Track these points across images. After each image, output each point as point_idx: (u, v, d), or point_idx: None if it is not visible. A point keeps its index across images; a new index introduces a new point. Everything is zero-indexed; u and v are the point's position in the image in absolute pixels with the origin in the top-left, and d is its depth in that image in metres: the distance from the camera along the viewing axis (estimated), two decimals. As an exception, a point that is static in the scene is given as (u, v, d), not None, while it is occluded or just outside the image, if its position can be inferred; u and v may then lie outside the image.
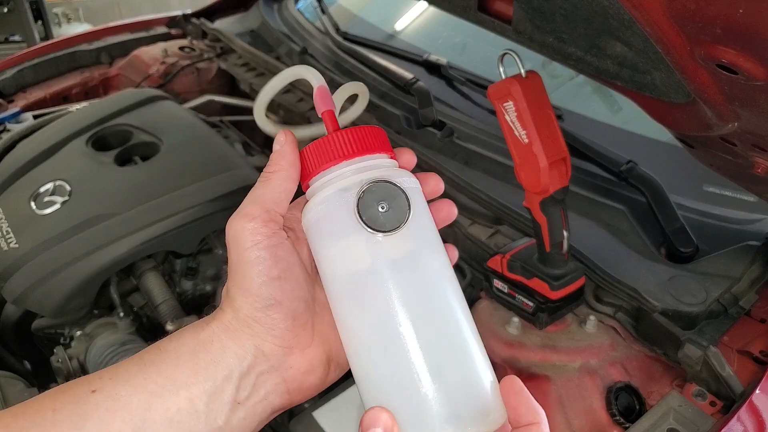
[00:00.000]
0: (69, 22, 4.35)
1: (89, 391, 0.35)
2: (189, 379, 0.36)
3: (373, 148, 0.40)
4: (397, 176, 0.39)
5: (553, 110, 0.76)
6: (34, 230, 1.05)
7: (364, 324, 0.37)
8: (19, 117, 1.44)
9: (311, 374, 0.40)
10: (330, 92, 0.42)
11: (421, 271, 0.37)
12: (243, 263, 0.37)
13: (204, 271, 1.19)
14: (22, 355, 1.13)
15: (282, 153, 0.40)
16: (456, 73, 1.27)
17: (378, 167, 0.39)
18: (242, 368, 0.37)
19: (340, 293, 0.38)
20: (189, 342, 0.38)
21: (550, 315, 0.84)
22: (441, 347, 0.35)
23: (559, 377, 0.79)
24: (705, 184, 0.98)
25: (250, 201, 0.39)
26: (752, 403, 0.66)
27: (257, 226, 0.38)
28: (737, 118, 0.49)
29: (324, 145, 0.39)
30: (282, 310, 0.38)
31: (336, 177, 0.39)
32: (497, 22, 0.70)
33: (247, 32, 1.75)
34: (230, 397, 0.37)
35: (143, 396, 0.35)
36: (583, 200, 0.98)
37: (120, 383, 0.36)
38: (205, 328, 0.39)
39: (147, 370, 0.37)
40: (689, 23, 0.38)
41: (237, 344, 0.38)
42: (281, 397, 0.39)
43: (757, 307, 0.81)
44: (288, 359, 0.39)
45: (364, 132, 0.40)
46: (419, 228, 0.38)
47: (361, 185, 0.37)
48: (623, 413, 0.75)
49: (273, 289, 0.37)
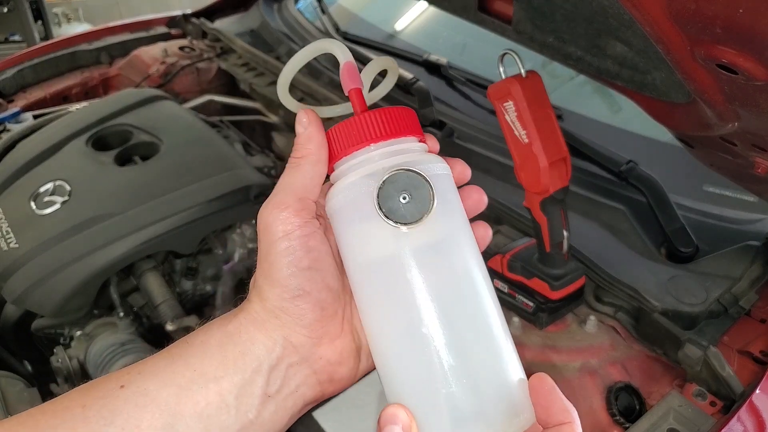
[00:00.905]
0: (69, 22, 4.35)
1: (118, 386, 0.35)
2: (218, 372, 0.36)
3: (403, 130, 0.37)
4: (426, 162, 0.36)
5: (553, 110, 0.77)
6: (34, 230, 1.05)
7: (385, 316, 0.35)
8: (19, 117, 1.44)
9: (342, 365, 0.39)
10: (358, 69, 0.40)
11: (449, 263, 0.35)
12: (272, 253, 0.36)
13: (204, 271, 1.19)
14: (22, 355, 1.13)
15: (309, 136, 0.38)
16: (456, 73, 1.27)
17: (406, 152, 0.37)
18: (271, 360, 0.37)
19: (361, 283, 0.37)
20: (216, 334, 0.37)
21: (550, 315, 0.84)
22: (468, 342, 0.34)
23: (559, 377, 0.79)
24: (705, 184, 0.98)
25: (282, 189, 0.38)
26: (752, 403, 0.66)
27: (289, 215, 0.36)
28: (737, 118, 0.49)
29: (351, 127, 0.37)
30: (310, 300, 0.37)
31: (362, 161, 0.37)
32: (497, 22, 0.70)
33: (247, 32, 1.75)
34: (260, 390, 0.36)
35: (172, 390, 0.35)
36: (583, 200, 0.98)
37: (149, 378, 0.35)
38: (233, 320, 0.38)
39: (175, 364, 0.36)
40: (689, 23, 0.38)
41: (265, 335, 0.37)
42: (313, 389, 0.39)
43: (757, 307, 0.81)
44: (317, 350, 0.38)
45: (394, 113, 0.37)
46: (447, 217, 0.36)
47: (383, 174, 0.35)
48: (623, 413, 0.75)
49: (302, 279, 0.36)
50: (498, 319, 0.35)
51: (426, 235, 0.35)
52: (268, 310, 0.37)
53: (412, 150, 0.38)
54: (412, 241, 0.34)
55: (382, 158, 0.36)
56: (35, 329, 1.06)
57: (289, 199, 0.37)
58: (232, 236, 1.20)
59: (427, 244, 0.35)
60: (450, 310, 0.34)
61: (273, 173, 1.33)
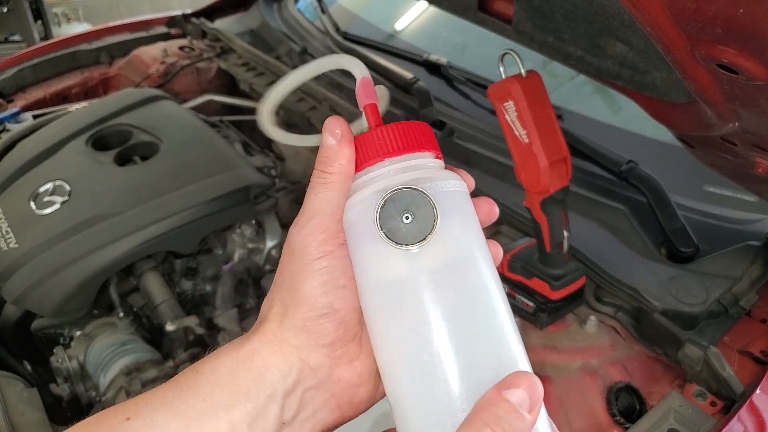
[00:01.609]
0: (69, 21, 4.35)
1: (124, 419, 0.34)
2: (229, 401, 0.34)
3: (418, 145, 0.36)
4: (438, 179, 0.35)
5: (553, 110, 0.76)
6: (33, 230, 1.05)
7: (393, 341, 0.34)
8: (19, 117, 1.44)
9: (361, 387, 0.38)
10: (374, 85, 0.39)
11: (461, 284, 0.33)
12: (308, 272, 0.35)
13: (204, 271, 1.18)
14: (21, 355, 1.13)
15: (340, 150, 0.36)
16: (456, 73, 1.27)
17: (420, 167, 0.36)
18: (287, 385, 0.35)
19: (369, 304, 0.35)
20: (227, 361, 0.36)
21: (551, 315, 0.84)
22: (481, 370, 0.32)
23: (559, 377, 0.79)
24: (705, 184, 0.98)
25: (321, 209, 0.36)
26: (752, 403, 0.66)
27: (329, 237, 0.35)
28: (737, 118, 0.49)
29: (367, 142, 0.36)
30: (336, 318, 0.35)
31: (376, 176, 0.36)
32: (497, 21, 0.70)
33: (246, 32, 1.75)
34: (275, 418, 0.35)
35: (181, 422, 0.34)
36: (584, 200, 0.98)
37: (156, 409, 0.34)
38: (245, 344, 0.36)
39: (184, 394, 0.35)
40: (689, 23, 0.38)
41: (281, 359, 0.35)
42: (332, 413, 0.37)
43: (758, 307, 0.81)
44: (336, 372, 0.37)
45: (409, 128, 0.37)
46: (458, 235, 0.34)
47: (384, 193, 0.34)
48: (623, 413, 0.75)
49: (334, 297, 0.35)
50: (514, 340, 0.34)
51: (434, 256, 0.33)
52: (286, 330, 0.36)
53: (428, 166, 0.36)
54: (420, 261, 0.33)
55: (397, 173, 0.35)
56: (35, 329, 1.06)
57: (327, 221, 0.36)
58: (232, 236, 1.20)
59: (436, 264, 0.33)
60: (462, 334, 0.32)
61: (273, 173, 1.33)
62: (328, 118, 0.37)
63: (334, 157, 0.36)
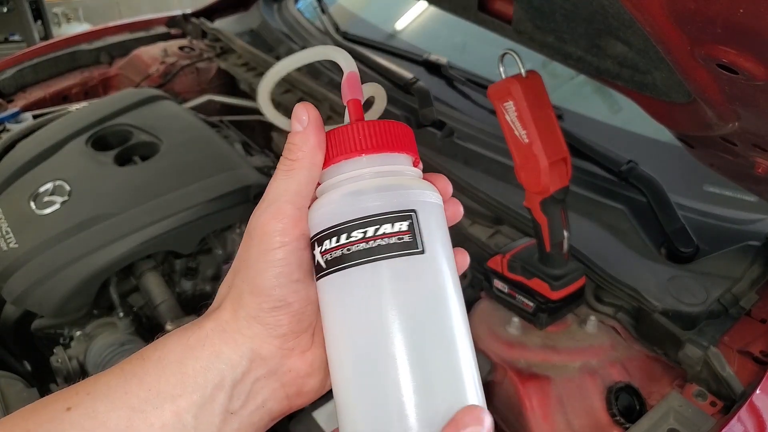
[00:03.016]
0: (69, 21, 4.35)
1: (64, 408, 0.33)
2: (175, 390, 0.33)
3: (396, 146, 0.35)
4: (413, 188, 0.34)
5: (553, 110, 0.77)
6: (33, 230, 1.05)
7: (345, 338, 0.34)
8: (19, 117, 1.44)
9: (311, 377, 0.38)
10: (360, 81, 0.38)
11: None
12: (263, 261, 0.35)
13: (204, 271, 1.18)
14: (21, 355, 1.13)
15: (305, 136, 0.35)
16: (456, 72, 1.27)
17: (395, 174, 0.35)
18: (236, 375, 0.35)
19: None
20: (175, 348, 0.35)
21: (551, 315, 0.84)
22: (428, 372, 0.32)
23: (559, 377, 0.79)
24: (705, 184, 0.98)
25: (278, 196, 0.35)
26: (752, 403, 0.66)
27: (288, 226, 0.35)
28: (737, 118, 0.49)
29: (342, 135, 0.35)
30: (289, 312, 0.35)
31: (346, 179, 0.35)
32: (497, 21, 0.70)
33: (246, 32, 1.75)
34: (221, 408, 0.34)
35: (123, 412, 0.33)
36: (584, 200, 0.98)
37: (98, 399, 0.33)
38: (196, 331, 0.36)
39: (128, 383, 0.34)
40: (689, 23, 0.38)
41: (232, 348, 0.35)
42: (280, 403, 0.37)
43: (758, 307, 0.81)
44: (287, 362, 0.37)
45: (388, 127, 0.35)
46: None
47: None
48: (623, 413, 0.75)
49: (288, 291, 0.35)
50: (467, 354, 0.33)
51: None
52: (240, 319, 0.35)
53: (403, 173, 0.36)
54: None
55: (369, 177, 0.34)
56: (35, 329, 1.06)
57: (287, 208, 0.35)
58: (232, 236, 1.20)
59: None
60: (412, 337, 0.32)
61: (273, 173, 1.33)
62: (297, 105, 0.36)
63: (298, 144, 0.35)
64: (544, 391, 0.78)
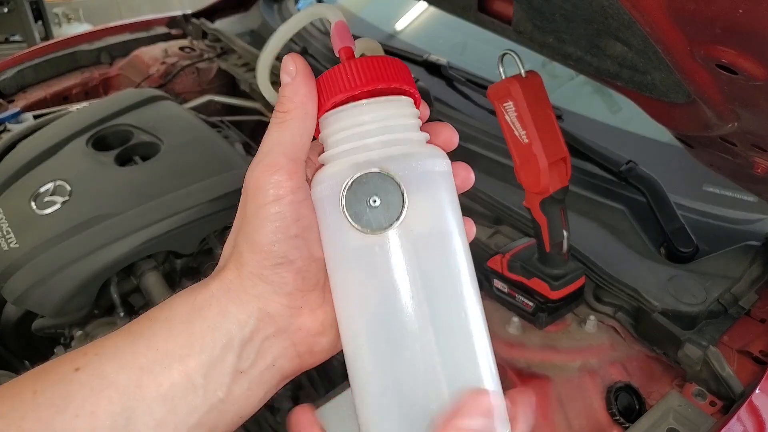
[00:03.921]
0: (69, 22, 4.35)
1: (72, 369, 0.32)
2: (183, 350, 0.33)
3: (394, 78, 0.34)
4: (423, 157, 0.33)
5: (553, 110, 0.77)
6: (34, 230, 1.05)
7: (354, 309, 0.34)
8: (19, 117, 1.44)
9: (323, 336, 0.37)
10: (349, 29, 0.37)
11: (429, 264, 0.33)
12: (259, 217, 0.34)
13: (204, 271, 1.19)
14: (22, 355, 1.13)
15: (294, 87, 0.35)
16: (456, 73, 1.27)
17: (402, 142, 0.34)
18: (244, 334, 0.34)
19: (335, 270, 0.35)
20: (182, 309, 0.34)
21: (550, 315, 0.84)
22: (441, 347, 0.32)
23: (559, 377, 0.79)
24: (705, 184, 0.98)
25: (272, 148, 0.34)
26: (752, 403, 0.66)
27: (282, 179, 0.34)
28: (737, 118, 0.49)
29: (334, 76, 0.34)
30: (293, 269, 0.34)
31: (352, 148, 0.34)
32: (497, 22, 0.70)
33: (247, 32, 1.75)
34: (231, 367, 0.34)
35: (132, 372, 0.32)
36: (583, 200, 0.98)
37: (106, 359, 0.33)
38: (202, 291, 0.35)
39: (136, 343, 0.33)
40: (689, 23, 0.38)
41: (238, 307, 0.34)
42: (291, 361, 0.36)
43: (757, 307, 0.81)
44: (296, 320, 0.36)
45: (380, 62, 0.34)
46: (430, 218, 0.33)
47: (353, 173, 0.32)
48: (623, 413, 0.75)
49: (288, 247, 0.34)
50: (478, 329, 0.33)
51: (403, 237, 0.32)
52: (244, 278, 0.35)
53: (411, 141, 0.35)
54: (388, 239, 0.32)
55: (377, 147, 0.33)
56: (36, 329, 1.06)
57: (281, 160, 0.34)
58: (232, 236, 1.20)
59: (404, 244, 0.32)
60: (423, 313, 0.32)
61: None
62: (284, 57, 0.35)
63: (289, 96, 0.35)
64: (544, 391, 0.78)
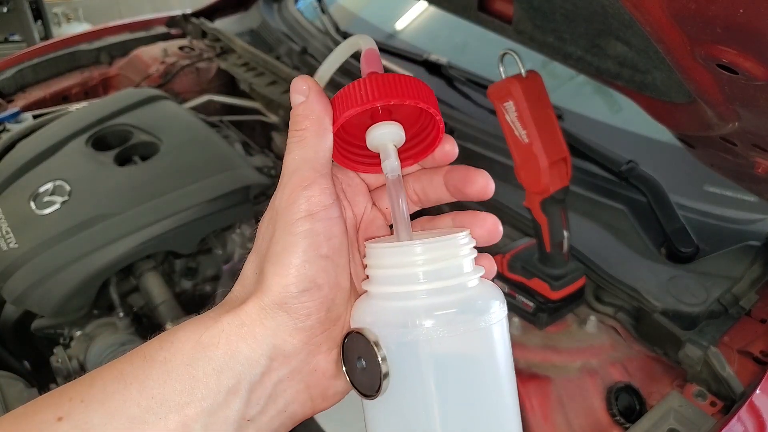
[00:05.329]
0: (69, 21, 4.35)
1: (55, 418, 0.29)
2: (182, 398, 0.30)
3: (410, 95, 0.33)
4: (478, 314, 0.31)
5: (553, 110, 0.77)
6: (33, 230, 1.05)
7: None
8: (19, 117, 1.43)
9: (338, 379, 0.34)
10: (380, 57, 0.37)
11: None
12: (290, 234, 0.31)
13: (204, 271, 1.18)
14: (21, 355, 1.13)
15: (308, 105, 0.34)
16: (456, 72, 1.27)
17: (455, 291, 0.31)
18: (253, 376, 0.31)
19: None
20: (184, 348, 0.31)
21: (551, 315, 0.84)
22: None
23: (559, 377, 0.79)
24: (705, 184, 0.98)
25: (299, 165, 0.33)
26: (752, 403, 0.66)
27: (314, 193, 0.32)
28: (737, 118, 0.49)
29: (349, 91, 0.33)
30: (319, 297, 0.32)
31: (398, 293, 0.32)
32: (497, 21, 0.70)
33: (246, 32, 1.75)
34: (236, 415, 0.30)
35: (121, 423, 0.29)
36: (584, 200, 0.98)
37: (93, 407, 0.29)
38: (210, 327, 0.31)
39: (128, 389, 0.30)
40: (690, 23, 0.38)
41: (250, 345, 0.31)
42: (303, 406, 0.33)
43: (758, 307, 0.81)
44: (312, 360, 0.33)
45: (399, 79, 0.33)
46: (409, 404, 0.30)
47: (344, 336, 0.32)
48: (623, 413, 0.75)
49: (317, 269, 0.31)
50: None
51: (386, 409, 0.31)
52: (263, 308, 0.31)
53: (464, 287, 0.32)
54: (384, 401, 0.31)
55: (427, 296, 0.31)
56: (35, 329, 1.06)
57: (311, 174, 0.32)
58: (231, 236, 1.20)
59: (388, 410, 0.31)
60: None
61: (273, 173, 1.33)
62: (294, 79, 0.35)
63: (304, 114, 0.34)
64: (544, 392, 0.78)
